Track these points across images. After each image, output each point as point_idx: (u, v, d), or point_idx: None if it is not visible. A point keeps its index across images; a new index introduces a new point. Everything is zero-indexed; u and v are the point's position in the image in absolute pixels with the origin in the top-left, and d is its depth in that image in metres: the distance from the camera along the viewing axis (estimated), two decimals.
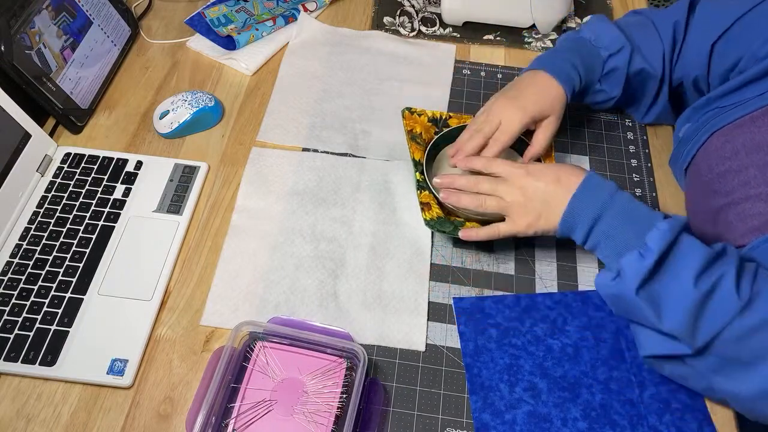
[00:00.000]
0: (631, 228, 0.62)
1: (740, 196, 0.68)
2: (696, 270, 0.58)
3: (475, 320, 0.73)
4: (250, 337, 0.69)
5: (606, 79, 0.84)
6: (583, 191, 0.66)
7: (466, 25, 1.07)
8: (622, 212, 0.64)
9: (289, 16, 1.03)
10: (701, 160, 0.76)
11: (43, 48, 0.82)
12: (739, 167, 0.69)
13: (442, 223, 0.75)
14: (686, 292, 0.58)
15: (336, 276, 0.76)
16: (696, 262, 0.58)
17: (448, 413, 0.67)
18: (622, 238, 0.63)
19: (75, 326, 0.70)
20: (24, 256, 0.74)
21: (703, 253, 0.59)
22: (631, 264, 0.60)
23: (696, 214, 0.78)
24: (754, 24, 0.73)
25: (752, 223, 0.66)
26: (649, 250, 0.60)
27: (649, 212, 0.63)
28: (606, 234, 0.64)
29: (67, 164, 0.83)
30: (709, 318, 0.58)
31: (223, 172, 0.85)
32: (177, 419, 0.65)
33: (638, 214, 0.63)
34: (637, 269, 0.60)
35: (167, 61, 0.99)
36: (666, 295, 0.60)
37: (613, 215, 0.64)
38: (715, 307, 0.58)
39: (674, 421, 0.66)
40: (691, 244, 0.60)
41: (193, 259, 0.77)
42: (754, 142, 0.68)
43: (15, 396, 0.66)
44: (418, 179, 0.79)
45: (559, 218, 0.67)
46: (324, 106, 0.93)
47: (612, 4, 1.12)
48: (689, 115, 0.79)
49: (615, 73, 0.83)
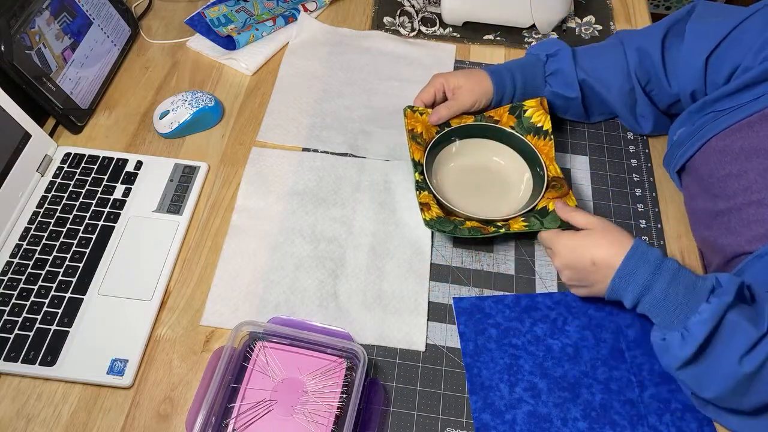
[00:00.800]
0: (680, 301, 0.61)
1: (742, 201, 0.68)
2: (740, 352, 0.57)
3: (475, 320, 0.73)
4: (250, 337, 0.69)
5: (554, 79, 0.86)
6: (625, 267, 0.64)
7: (466, 25, 1.07)
8: (672, 281, 0.62)
9: (289, 16, 1.03)
10: (700, 164, 0.76)
11: (43, 48, 0.82)
12: (739, 171, 0.70)
13: (442, 223, 0.75)
14: (729, 374, 0.58)
15: (336, 276, 0.76)
16: (740, 345, 0.57)
17: (448, 413, 0.67)
18: (668, 312, 0.62)
19: (75, 326, 0.70)
20: (24, 256, 0.74)
21: (748, 334, 0.58)
22: (673, 344, 0.60)
23: (695, 215, 0.78)
24: (743, 37, 0.73)
25: (758, 230, 0.66)
26: (691, 336, 0.59)
27: (696, 284, 0.61)
28: (655, 301, 0.63)
29: (67, 164, 0.83)
30: (755, 392, 0.58)
31: (223, 172, 0.85)
32: (177, 419, 0.65)
33: (688, 283, 0.62)
34: (678, 354, 0.60)
35: (167, 61, 0.99)
36: (708, 374, 0.60)
37: (663, 285, 0.62)
38: (762, 382, 0.57)
39: (674, 421, 0.66)
40: (736, 325, 0.58)
41: (193, 259, 0.77)
42: (752, 147, 0.69)
43: (15, 396, 0.66)
44: (418, 180, 0.79)
45: (606, 289, 0.66)
46: (324, 106, 0.93)
47: (612, 4, 1.12)
48: (684, 119, 0.80)
49: (561, 73, 0.85)
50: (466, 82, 0.84)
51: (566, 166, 0.88)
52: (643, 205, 0.85)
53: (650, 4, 1.30)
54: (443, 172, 0.84)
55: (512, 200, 0.81)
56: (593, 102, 0.88)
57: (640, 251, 0.63)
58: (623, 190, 0.86)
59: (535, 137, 0.83)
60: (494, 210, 0.80)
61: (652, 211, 0.84)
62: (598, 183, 0.87)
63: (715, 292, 0.60)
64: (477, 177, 0.84)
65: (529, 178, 0.83)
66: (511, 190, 0.83)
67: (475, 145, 0.85)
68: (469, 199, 0.81)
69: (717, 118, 0.74)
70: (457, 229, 0.74)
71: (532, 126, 0.84)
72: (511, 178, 0.84)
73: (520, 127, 0.85)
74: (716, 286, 0.61)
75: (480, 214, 0.76)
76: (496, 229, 0.75)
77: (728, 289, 0.60)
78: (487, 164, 0.85)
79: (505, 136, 0.84)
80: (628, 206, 0.84)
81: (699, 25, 0.78)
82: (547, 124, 0.83)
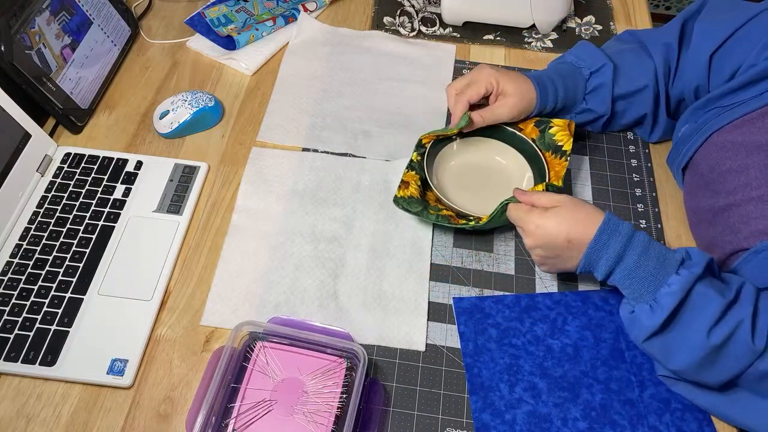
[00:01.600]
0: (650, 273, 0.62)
1: (742, 198, 0.68)
2: (708, 323, 0.58)
3: (475, 320, 0.73)
4: (250, 337, 0.69)
5: (592, 97, 0.85)
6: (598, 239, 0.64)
7: (466, 25, 1.07)
8: (643, 253, 0.62)
9: (289, 16, 1.03)
10: (701, 160, 0.76)
11: (43, 48, 0.82)
12: (739, 167, 0.70)
13: (411, 203, 0.75)
14: (697, 345, 0.59)
15: (336, 276, 0.76)
16: (708, 315, 0.58)
17: (448, 413, 0.67)
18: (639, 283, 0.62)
19: (75, 326, 0.70)
20: (24, 256, 0.74)
21: (716, 304, 0.58)
22: (641, 316, 0.61)
23: (695, 212, 0.78)
24: (749, 35, 0.74)
25: (756, 226, 0.66)
26: (660, 307, 0.60)
27: (666, 256, 0.62)
28: (627, 272, 0.63)
29: (67, 164, 0.83)
30: (721, 366, 0.59)
31: (223, 172, 0.85)
32: (177, 419, 0.65)
33: (659, 255, 0.62)
34: (645, 325, 0.61)
35: (167, 61, 0.99)
36: (675, 346, 0.61)
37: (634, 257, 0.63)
38: (729, 357, 0.58)
39: (674, 421, 0.66)
40: (704, 296, 0.59)
41: (193, 259, 0.77)
42: (754, 143, 0.69)
43: (15, 396, 0.66)
44: (413, 159, 0.79)
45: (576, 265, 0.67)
46: (324, 106, 0.93)
47: (612, 4, 1.12)
48: (689, 116, 0.80)
49: (600, 91, 0.84)
50: (513, 92, 0.80)
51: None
52: (643, 205, 0.85)
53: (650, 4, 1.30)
54: (444, 169, 0.84)
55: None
56: (616, 118, 0.88)
57: (613, 223, 0.64)
58: (623, 190, 0.86)
59: (552, 155, 0.82)
60: (494, 208, 0.80)
61: (652, 211, 0.84)
62: (598, 183, 0.87)
63: (684, 264, 0.61)
64: (478, 175, 0.84)
65: (530, 177, 0.83)
66: (513, 189, 0.83)
67: (476, 144, 0.85)
68: (470, 198, 0.81)
69: (720, 114, 0.74)
70: (424, 212, 0.74)
71: (553, 143, 0.83)
72: (513, 178, 0.84)
73: (542, 141, 0.84)
74: (686, 258, 0.61)
75: (478, 212, 0.76)
76: (466, 222, 0.75)
77: (698, 261, 0.60)
78: (488, 163, 0.85)
79: (508, 135, 0.84)
80: (628, 206, 0.84)
81: (706, 23, 0.79)
82: (568, 146, 0.82)
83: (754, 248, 0.65)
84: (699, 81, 0.79)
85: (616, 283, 0.65)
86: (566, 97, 0.84)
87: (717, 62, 0.77)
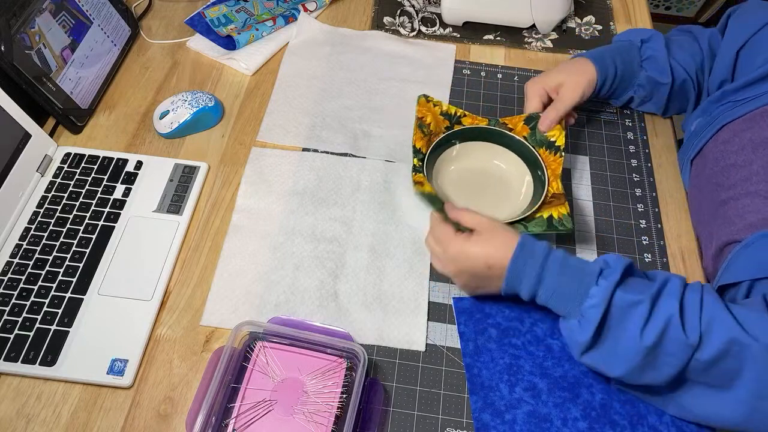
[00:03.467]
0: (572, 289, 0.62)
1: (741, 192, 0.68)
2: (639, 324, 0.58)
3: (475, 320, 0.73)
4: (250, 337, 0.69)
5: (649, 64, 0.85)
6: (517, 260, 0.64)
7: (466, 25, 1.07)
8: (561, 271, 0.62)
9: (289, 16, 1.03)
10: (709, 153, 0.76)
11: (43, 48, 0.82)
12: (744, 162, 0.70)
13: (433, 200, 0.72)
14: (632, 349, 0.59)
15: (336, 276, 0.76)
16: (637, 317, 0.58)
17: (448, 413, 0.67)
18: (564, 301, 0.62)
19: (75, 326, 0.70)
20: (24, 256, 0.74)
21: (642, 306, 0.58)
22: (573, 332, 0.62)
23: (699, 206, 0.78)
24: None
25: (750, 219, 0.66)
26: (587, 320, 0.60)
27: (585, 270, 0.62)
28: (550, 292, 0.63)
29: (67, 164, 0.83)
30: (662, 365, 0.59)
31: (223, 172, 0.85)
32: (177, 419, 0.65)
33: (577, 270, 0.62)
34: (578, 340, 0.61)
35: (167, 61, 0.99)
36: (613, 354, 0.61)
37: (552, 277, 0.63)
38: (666, 354, 0.58)
39: (674, 421, 0.66)
40: (627, 300, 0.59)
41: (193, 259, 0.77)
42: (762, 138, 0.68)
43: (15, 396, 0.66)
44: (415, 164, 0.78)
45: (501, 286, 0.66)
46: (324, 106, 0.93)
47: (612, 4, 1.13)
48: (704, 109, 0.80)
49: (656, 60, 0.85)
50: (567, 77, 0.82)
51: (566, 166, 0.88)
52: (643, 205, 0.85)
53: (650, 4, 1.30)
54: (443, 174, 0.84)
55: (512, 203, 0.81)
56: (678, 91, 0.87)
57: (528, 247, 0.64)
58: (623, 190, 0.86)
59: (546, 151, 0.82)
60: (493, 213, 0.80)
61: (652, 211, 0.84)
62: (598, 183, 0.87)
63: (602, 273, 0.61)
64: (477, 180, 0.84)
65: (529, 181, 0.82)
66: (512, 194, 0.82)
67: (476, 148, 0.85)
68: (469, 202, 0.81)
69: (732, 108, 0.74)
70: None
71: (545, 139, 0.82)
72: (512, 182, 0.83)
73: (533, 138, 0.83)
74: (604, 267, 0.61)
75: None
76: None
77: (615, 268, 0.60)
78: (488, 167, 0.85)
79: (507, 139, 0.84)
80: (628, 206, 0.84)
81: (740, 19, 0.80)
82: (561, 141, 0.81)
83: (745, 241, 0.65)
84: (724, 76, 0.80)
85: (543, 303, 0.64)
86: (624, 65, 0.85)
87: (743, 58, 0.77)
